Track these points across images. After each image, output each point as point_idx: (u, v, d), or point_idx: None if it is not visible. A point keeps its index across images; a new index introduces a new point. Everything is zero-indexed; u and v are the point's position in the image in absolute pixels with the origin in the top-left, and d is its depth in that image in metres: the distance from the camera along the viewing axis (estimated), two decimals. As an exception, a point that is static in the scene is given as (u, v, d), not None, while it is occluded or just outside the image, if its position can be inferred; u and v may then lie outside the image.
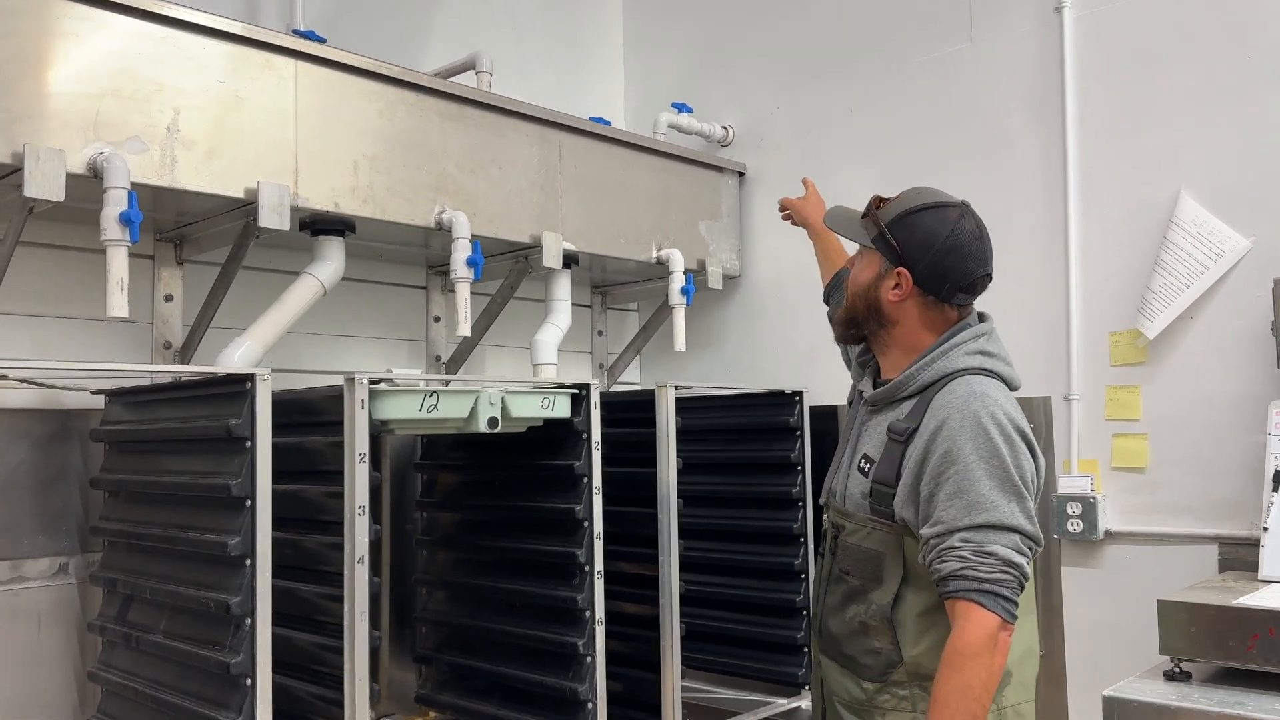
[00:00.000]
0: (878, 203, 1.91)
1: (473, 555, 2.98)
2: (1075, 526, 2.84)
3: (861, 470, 1.85)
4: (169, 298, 2.70)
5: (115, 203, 2.00)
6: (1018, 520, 1.63)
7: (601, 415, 2.66)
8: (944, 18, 3.22)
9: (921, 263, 1.80)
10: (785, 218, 2.67)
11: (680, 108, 3.72)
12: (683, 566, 2.90)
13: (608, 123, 3.74)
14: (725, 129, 3.80)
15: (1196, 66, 2.74)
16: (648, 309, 3.96)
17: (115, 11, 2.12)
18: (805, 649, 3.19)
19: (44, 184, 1.95)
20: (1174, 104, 2.78)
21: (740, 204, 3.73)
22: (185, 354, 2.69)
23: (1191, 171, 2.74)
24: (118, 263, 2.01)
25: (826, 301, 2.41)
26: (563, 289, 3.15)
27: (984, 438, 1.66)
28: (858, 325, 1.92)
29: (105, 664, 2.38)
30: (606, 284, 3.84)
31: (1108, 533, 2.83)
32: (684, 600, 2.91)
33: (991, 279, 1.94)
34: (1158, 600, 2.12)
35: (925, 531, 1.68)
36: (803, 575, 3.22)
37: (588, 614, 2.61)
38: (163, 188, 2.19)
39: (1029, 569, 1.66)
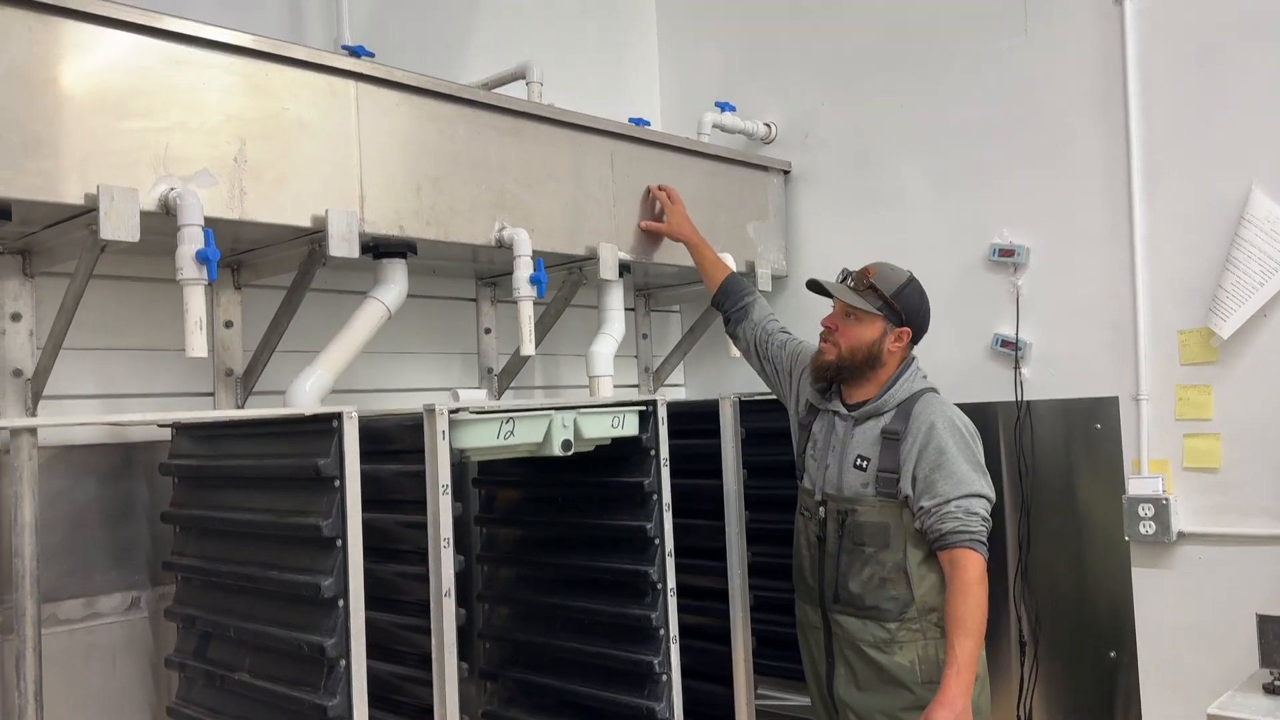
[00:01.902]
0: (864, 275, 2.50)
1: (536, 572, 2.95)
2: (1148, 528, 2.81)
3: (859, 467, 2.47)
4: (228, 324, 2.65)
5: (191, 240, 1.96)
6: (984, 489, 2.37)
7: (666, 428, 2.63)
8: (997, 10, 3.16)
9: (917, 325, 2.53)
10: (646, 229, 3.08)
11: (723, 106, 3.66)
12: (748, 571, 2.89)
13: (646, 123, 3.69)
14: (768, 126, 3.74)
15: (1267, 57, 2.69)
16: (690, 311, 3.93)
17: (183, 44, 2.06)
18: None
19: (119, 225, 1.90)
20: (1243, 96, 2.73)
21: (786, 203, 3.68)
22: (248, 380, 2.65)
23: (1263, 166, 2.69)
24: (195, 302, 1.96)
25: (719, 308, 2.92)
26: (616, 298, 3.11)
27: (959, 436, 2.40)
28: (849, 370, 2.52)
29: (185, 700, 2.36)
30: (650, 286, 3.80)
31: (1180, 534, 2.80)
32: (751, 606, 2.89)
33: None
34: (1258, 615, 2.10)
35: (925, 502, 2.35)
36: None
37: (662, 632, 2.59)
38: (234, 220, 2.14)
39: (990, 521, 2.36)
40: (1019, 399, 3.09)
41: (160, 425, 2.45)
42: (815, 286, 2.61)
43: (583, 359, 3.04)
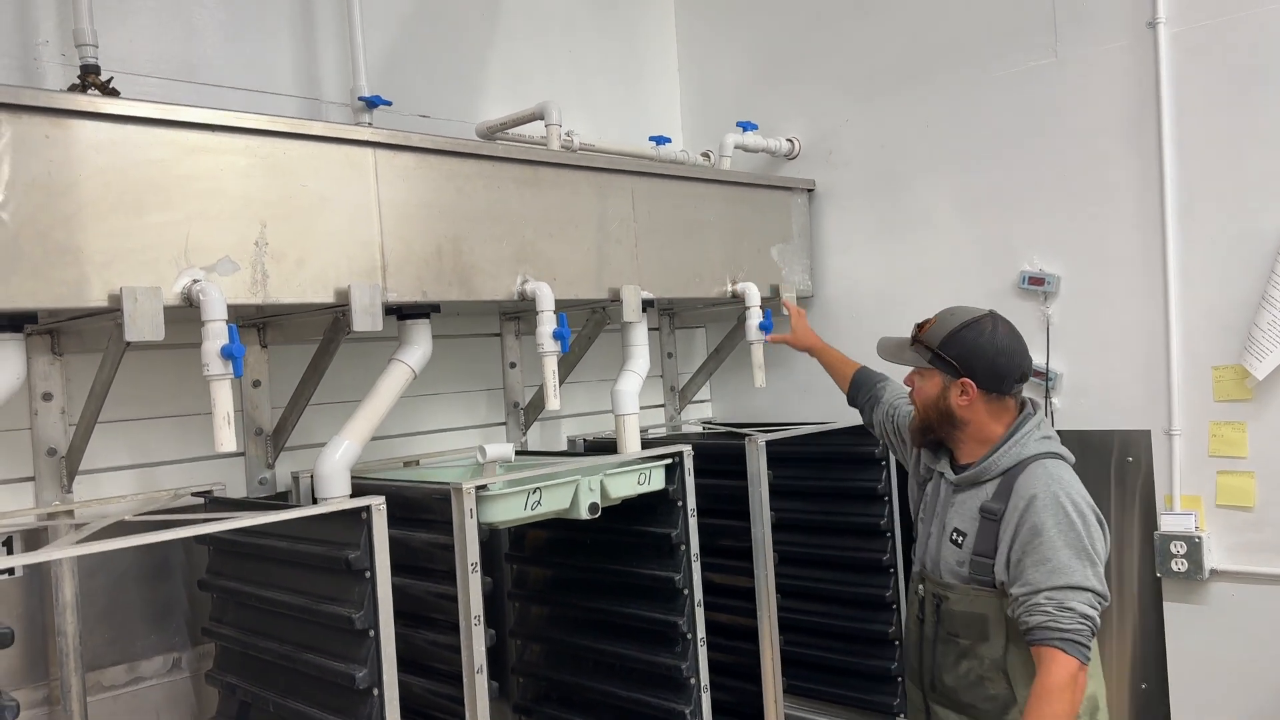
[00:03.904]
0: (919, 330, 2.29)
1: (568, 613, 2.99)
2: (1179, 566, 2.79)
3: (955, 542, 2.21)
4: (256, 383, 2.67)
5: (215, 336, 1.96)
6: (1090, 582, 2.01)
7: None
8: (1026, 30, 3.08)
9: (979, 370, 2.18)
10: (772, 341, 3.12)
11: (745, 126, 3.61)
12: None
13: (668, 140, 3.66)
14: (791, 142, 3.68)
15: (1306, 88, 2.61)
16: (715, 330, 3.91)
17: (199, 131, 2.05)
18: (899, 679, 3.20)
19: (143, 325, 1.91)
20: (1281, 127, 2.65)
21: (810, 221, 3.63)
22: (278, 438, 2.68)
23: (1302, 200, 2.62)
24: (223, 397, 1.97)
25: (854, 405, 2.81)
26: (640, 334, 3.08)
27: (1062, 515, 2.04)
28: (933, 430, 2.28)
29: (228, 762, 2.42)
30: (675, 306, 3.78)
31: (1213, 571, 2.78)
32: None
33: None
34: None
35: (1014, 590, 2.05)
36: (894, 606, 3.22)
37: (693, 681, 2.62)
38: (257, 305, 2.15)
39: (1099, 620, 2.02)
40: (1049, 429, 3.06)
41: (194, 494, 2.49)
42: (879, 347, 2.44)
43: (608, 384, 3.01)
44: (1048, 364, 3.05)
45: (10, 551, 2.27)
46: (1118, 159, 2.93)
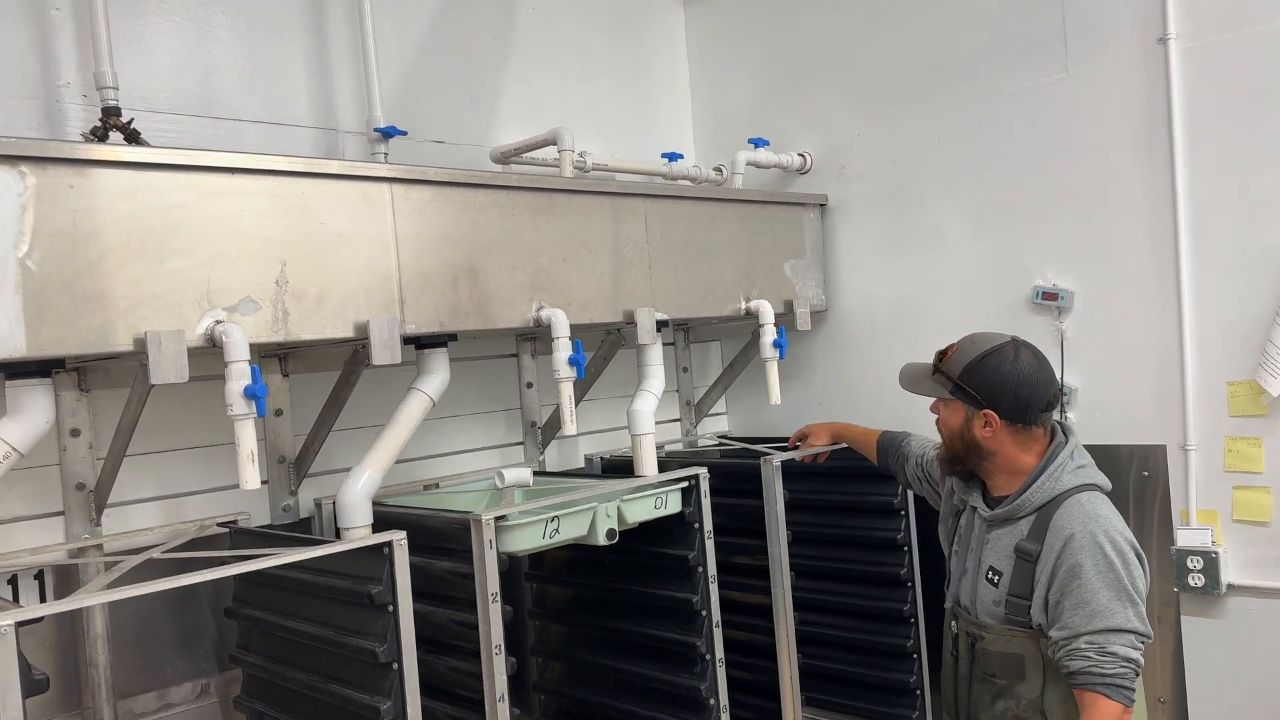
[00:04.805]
0: (940, 358, 2.23)
1: (587, 632, 3.02)
2: (1196, 581, 2.80)
3: (991, 581, 2.15)
4: (278, 412, 2.72)
5: (239, 377, 2.01)
6: (1132, 624, 1.97)
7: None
8: (1037, 46, 3.08)
9: (1002, 401, 2.12)
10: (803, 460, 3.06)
11: (757, 143, 3.62)
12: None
13: (680, 156, 3.67)
14: (803, 156, 3.70)
15: (1318, 103, 2.61)
16: (730, 344, 3.93)
17: (218, 174, 2.09)
18: (918, 692, 3.22)
19: (168, 369, 1.95)
20: (1294, 142, 2.65)
21: (823, 236, 3.64)
22: (300, 466, 2.72)
23: (1315, 216, 2.62)
24: (246, 436, 2.02)
25: (886, 470, 2.81)
26: (655, 354, 3.10)
27: (1100, 555, 1.99)
28: (960, 461, 2.22)
29: (258, 786, 2.47)
30: (689, 322, 3.80)
31: (1230, 586, 2.78)
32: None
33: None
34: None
35: (1054, 634, 2.01)
36: (912, 619, 3.23)
37: (712, 701, 2.66)
38: (278, 343, 2.19)
39: (1143, 660, 1.99)
40: (1064, 443, 3.07)
41: (220, 525, 2.54)
42: (900, 376, 2.38)
43: (624, 401, 3.04)
44: (1062, 379, 3.06)
45: (42, 585, 2.33)
46: (1130, 174, 2.93)
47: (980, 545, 2.19)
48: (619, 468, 3.29)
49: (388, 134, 2.88)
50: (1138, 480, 2.95)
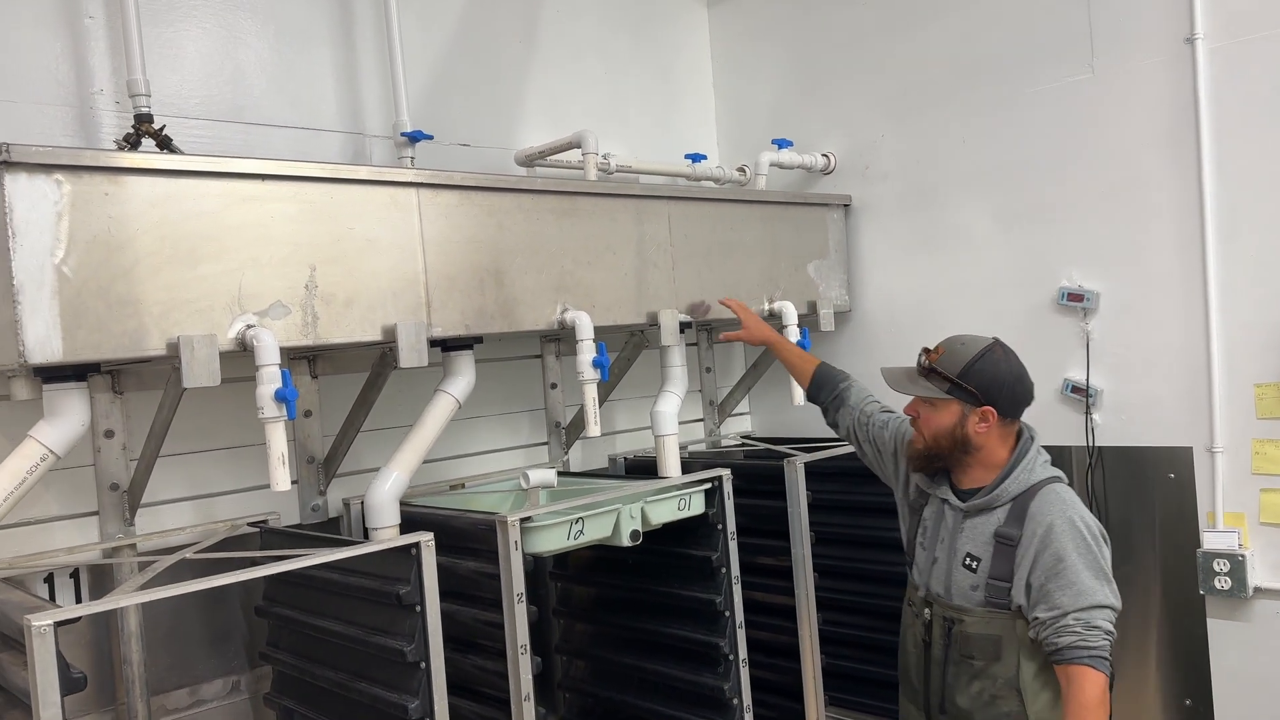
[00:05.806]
0: (930, 359, 2.26)
1: (611, 631, 3.04)
2: (1223, 584, 2.78)
3: (968, 567, 2.23)
4: (308, 413, 2.76)
5: (269, 380, 2.04)
6: (1109, 599, 2.10)
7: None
8: (1062, 46, 3.06)
9: (1001, 399, 2.22)
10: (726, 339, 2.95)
11: (780, 144, 3.63)
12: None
13: (703, 157, 3.69)
14: (827, 157, 3.70)
15: (1348, 103, 2.58)
16: (755, 347, 3.93)
17: (249, 180, 2.12)
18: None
19: (200, 373, 1.99)
20: (1323, 143, 2.63)
21: (847, 236, 3.64)
22: (330, 466, 2.76)
23: (1344, 217, 2.60)
24: (277, 439, 2.05)
25: (814, 401, 2.71)
26: (678, 355, 3.12)
27: (1080, 539, 2.12)
28: (940, 459, 2.29)
29: (288, 781, 2.51)
30: (712, 322, 3.80)
31: (1257, 589, 2.77)
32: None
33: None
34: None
35: (1041, 614, 2.10)
36: (935, 621, 3.23)
37: (735, 701, 2.67)
38: (308, 346, 2.22)
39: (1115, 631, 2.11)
40: (1090, 445, 3.06)
41: (250, 525, 2.58)
42: (886, 377, 2.37)
43: (648, 401, 3.06)
44: (1088, 380, 3.05)
45: (78, 584, 2.37)
46: (1156, 174, 2.91)
47: (953, 534, 2.27)
48: (642, 468, 3.31)
49: (414, 138, 2.91)
50: (1164, 482, 2.94)
